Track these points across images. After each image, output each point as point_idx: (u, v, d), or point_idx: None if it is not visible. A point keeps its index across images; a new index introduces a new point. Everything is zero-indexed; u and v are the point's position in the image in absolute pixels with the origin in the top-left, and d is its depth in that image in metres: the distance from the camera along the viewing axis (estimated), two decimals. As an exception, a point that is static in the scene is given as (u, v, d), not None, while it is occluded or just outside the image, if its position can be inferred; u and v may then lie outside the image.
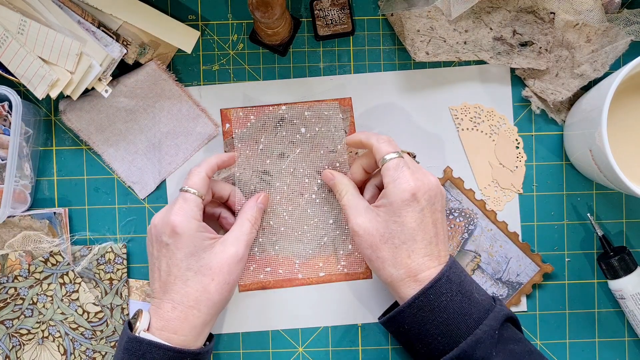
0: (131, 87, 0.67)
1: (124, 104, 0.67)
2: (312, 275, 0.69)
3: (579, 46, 0.66)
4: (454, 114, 0.69)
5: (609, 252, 0.66)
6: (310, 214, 0.69)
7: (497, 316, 0.58)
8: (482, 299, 0.59)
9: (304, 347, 0.69)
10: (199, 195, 0.62)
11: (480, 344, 0.56)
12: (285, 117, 0.69)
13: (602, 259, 0.67)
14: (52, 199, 0.69)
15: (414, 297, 0.57)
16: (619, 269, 0.66)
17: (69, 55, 0.62)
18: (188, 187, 0.62)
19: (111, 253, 0.68)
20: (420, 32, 0.67)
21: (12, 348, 0.68)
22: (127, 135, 0.68)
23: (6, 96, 0.64)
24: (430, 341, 0.58)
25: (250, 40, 0.69)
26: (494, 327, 0.57)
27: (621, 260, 0.66)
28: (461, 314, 0.57)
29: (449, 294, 0.57)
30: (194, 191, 0.62)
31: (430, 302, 0.57)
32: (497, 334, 0.57)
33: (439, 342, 0.57)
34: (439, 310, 0.57)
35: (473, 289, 0.59)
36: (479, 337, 0.56)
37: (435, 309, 0.57)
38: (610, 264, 0.66)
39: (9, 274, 0.67)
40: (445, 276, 0.58)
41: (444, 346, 0.57)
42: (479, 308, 0.58)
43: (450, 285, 0.58)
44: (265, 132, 0.68)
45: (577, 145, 0.65)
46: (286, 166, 0.69)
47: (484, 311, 0.58)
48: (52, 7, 0.63)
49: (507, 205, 0.69)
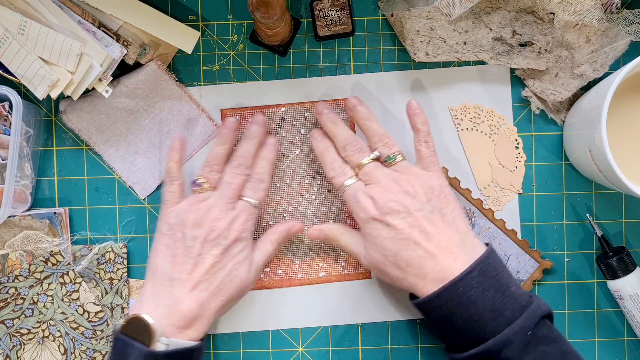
0: (132, 87, 0.67)
1: (124, 104, 0.67)
2: (312, 275, 0.69)
3: (579, 46, 0.66)
4: (454, 114, 0.69)
5: (608, 253, 0.67)
6: (310, 215, 0.69)
7: (533, 314, 0.56)
8: (518, 294, 0.57)
9: (304, 347, 0.69)
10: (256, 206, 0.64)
11: (508, 345, 0.54)
12: (284, 118, 0.69)
13: (601, 260, 0.67)
14: (52, 199, 0.69)
15: (442, 288, 0.56)
16: (618, 269, 0.66)
17: (69, 56, 0.63)
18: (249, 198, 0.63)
19: (111, 253, 0.68)
20: (420, 33, 0.67)
21: (12, 348, 0.68)
22: (127, 136, 0.68)
23: (7, 96, 0.64)
24: (455, 335, 0.57)
25: (250, 41, 0.69)
26: (527, 327, 0.55)
27: (620, 260, 0.66)
28: (492, 310, 0.55)
29: (480, 288, 0.55)
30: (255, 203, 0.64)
31: (458, 295, 0.55)
32: (530, 334, 0.55)
33: (465, 337, 0.56)
34: (468, 304, 0.55)
35: (510, 283, 0.57)
36: (509, 337, 0.54)
37: (463, 303, 0.55)
38: (609, 264, 0.66)
39: (10, 274, 0.68)
40: (478, 269, 0.56)
41: (469, 341, 0.56)
42: (514, 304, 0.56)
43: (483, 278, 0.56)
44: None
45: (576, 145, 0.65)
46: (286, 167, 0.69)
47: (519, 308, 0.56)
48: (53, 7, 0.63)
49: (506, 205, 0.69)
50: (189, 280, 0.60)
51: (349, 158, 0.63)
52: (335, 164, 0.63)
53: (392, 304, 0.69)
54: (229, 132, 0.65)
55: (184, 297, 0.59)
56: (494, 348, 0.55)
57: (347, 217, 0.69)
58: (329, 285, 0.69)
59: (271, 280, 0.69)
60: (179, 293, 0.59)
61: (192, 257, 0.60)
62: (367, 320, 0.69)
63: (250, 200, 0.63)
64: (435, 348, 0.69)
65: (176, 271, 0.60)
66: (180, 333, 0.59)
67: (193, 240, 0.60)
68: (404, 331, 0.69)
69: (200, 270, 0.60)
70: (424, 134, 0.63)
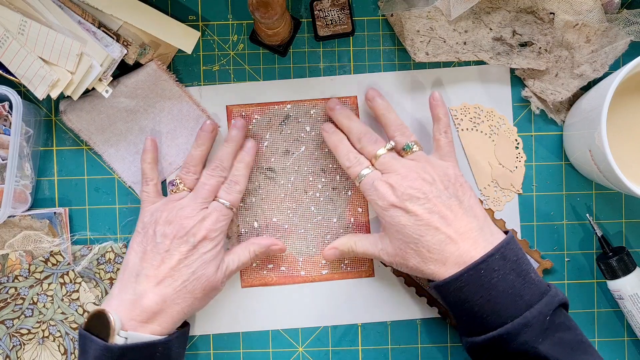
0: (132, 87, 0.67)
1: (124, 104, 0.67)
2: (314, 272, 0.69)
3: (579, 46, 0.66)
4: (454, 114, 0.69)
5: (607, 253, 0.67)
6: (314, 212, 0.69)
7: (551, 301, 0.56)
8: (537, 280, 0.57)
9: (304, 347, 0.69)
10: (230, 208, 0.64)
11: (527, 328, 0.55)
12: (290, 115, 0.69)
13: (601, 260, 0.67)
14: (52, 199, 0.69)
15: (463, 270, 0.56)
16: (618, 269, 0.66)
17: (69, 56, 0.63)
18: (223, 199, 0.64)
19: (111, 253, 0.68)
20: (420, 33, 0.67)
21: (12, 348, 0.68)
22: (127, 136, 0.68)
23: (6, 96, 0.64)
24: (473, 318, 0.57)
25: (250, 41, 0.69)
26: (545, 312, 0.55)
27: (620, 260, 0.66)
28: (512, 293, 0.56)
29: (501, 272, 0.56)
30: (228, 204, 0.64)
31: (480, 278, 0.56)
32: (548, 320, 0.55)
33: (483, 321, 0.56)
34: (489, 286, 0.56)
35: (530, 269, 0.57)
36: (528, 320, 0.55)
37: (484, 285, 0.56)
38: (609, 264, 0.66)
39: (10, 274, 0.68)
40: (500, 253, 0.56)
41: (486, 325, 0.56)
42: (533, 290, 0.56)
43: (504, 262, 0.56)
44: (270, 129, 0.69)
45: (576, 145, 0.65)
46: (290, 163, 0.69)
47: (538, 294, 0.56)
48: (53, 7, 0.63)
49: (506, 205, 0.69)
50: (155, 276, 0.61)
51: (364, 150, 0.64)
52: (351, 154, 0.64)
53: (392, 304, 0.69)
54: (207, 135, 0.66)
55: (148, 291, 0.60)
56: (512, 331, 0.55)
57: (350, 214, 0.69)
58: (331, 282, 0.69)
59: (274, 277, 0.69)
60: (143, 288, 0.60)
61: (160, 253, 0.61)
62: (367, 320, 0.69)
63: (224, 201, 0.64)
64: (435, 348, 0.69)
65: (144, 267, 0.61)
66: (142, 327, 0.59)
67: (163, 237, 0.62)
68: (404, 331, 0.69)
69: (166, 265, 0.61)
70: (444, 125, 0.64)
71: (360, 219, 0.69)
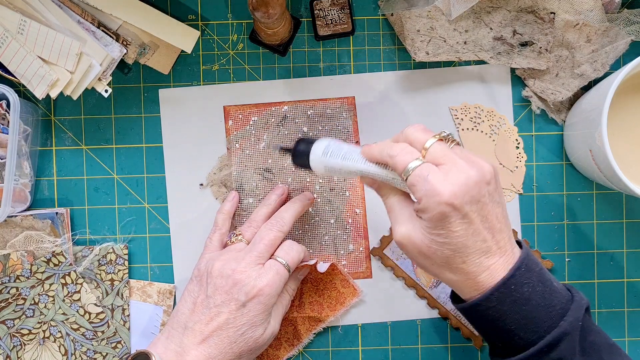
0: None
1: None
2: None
3: (579, 46, 0.66)
4: (454, 114, 0.69)
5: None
6: (312, 213, 0.69)
7: (579, 306, 0.53)
8: (560, 287, 0.54)
9: (304, 348, 0.69)
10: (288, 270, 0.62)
11: (566, 336, 0.51)
12: (287, 116, 0.69)
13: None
14: (52, 199, 0.69)
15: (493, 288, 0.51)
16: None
17: (68, 55, 0.62)
18: (281, 258, 0.62)
19: (112, 254, 0.68)
20: (420, 32, 0.66)
21: (13, 348, 0.68)
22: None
23: (4, 95, 0.64)
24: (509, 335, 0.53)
25: (250, 40, 0.68)
26: (579, 318, 0.52)
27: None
28: (544, 305, 0.52)
29: (530, 284, 0.52)
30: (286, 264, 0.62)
31: (511, 294, 0.51)
32: (580, 325, 0.53)
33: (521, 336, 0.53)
34: (522, 301, 0.51)
35: (550, 277, 0.54)
36: (565, 329, 0.51)
37: (517, 301, 0.51)
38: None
39: (11, 274, 0.68)
40: (525, 264, 0.52)
41: (525, 341, 0.53)
42: (560, 298, 0.53)
43: (530, 274, 0.52)
44: (267, 130, 0.69)
45: (577, 145, 0.65)
46: (288, 164, 0.69)
47: (566, 301, 0.53)
48: (52, 7, 0.63)
49: (507, 205, 0.69)
50: (201, 332, 0.59)
51: None
52: (396, 145, 0.54)
53: (392, 304, 0.69)
54: (277, 198, 0.67)
55: (192, 348, 0.59)
56: (552, 342, 0.51)
57: (348, 216, 0.69)
58: (329, 284, 0.69)
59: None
60: (188, 342, 0.59)
61: (210, 307, 0.60)
62: (367, 320, 0.69)
63: (281, 260, 0.62)
64: (435, 348, 0.69)
65: (192, 320, 0.60)
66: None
67: (214, 290, 0.60)
68: (404, 331, 0.69)
69: (214, 324, 0.59)
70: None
71: (358, 221, 0.69)
